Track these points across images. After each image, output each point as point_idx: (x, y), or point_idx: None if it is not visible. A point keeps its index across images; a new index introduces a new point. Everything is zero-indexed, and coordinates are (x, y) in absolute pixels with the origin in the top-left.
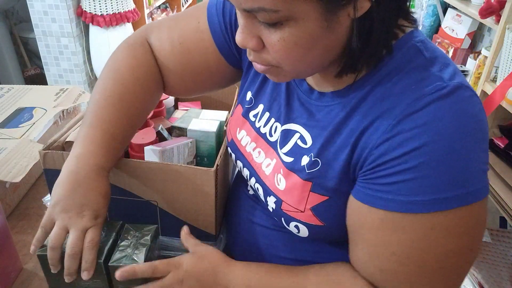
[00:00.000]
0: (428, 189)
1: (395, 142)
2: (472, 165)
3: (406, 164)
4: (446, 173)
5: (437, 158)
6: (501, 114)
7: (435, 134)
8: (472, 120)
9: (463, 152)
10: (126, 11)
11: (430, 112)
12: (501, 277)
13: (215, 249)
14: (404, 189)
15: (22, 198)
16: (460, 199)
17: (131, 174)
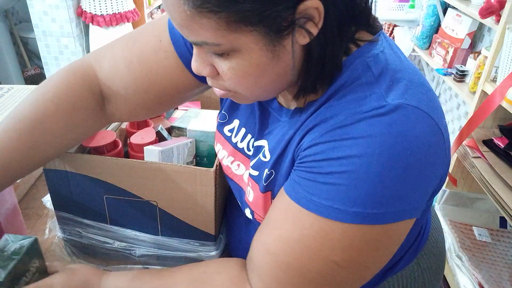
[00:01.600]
0: (332, 197)
1: (323, 147)
2: (388, 187)
3: (321, 168)
4: (355, 189)
5: (353, 174)
6: (501, 114)
7: (360, 151)
8: (406, 141)
9: (381, 176)
10: (126, 11)
11: (362, 127)
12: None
13: (86, 265)
14: (313, 188)
15: (22, 198)
16: (360, 217)
17: (131, 174)
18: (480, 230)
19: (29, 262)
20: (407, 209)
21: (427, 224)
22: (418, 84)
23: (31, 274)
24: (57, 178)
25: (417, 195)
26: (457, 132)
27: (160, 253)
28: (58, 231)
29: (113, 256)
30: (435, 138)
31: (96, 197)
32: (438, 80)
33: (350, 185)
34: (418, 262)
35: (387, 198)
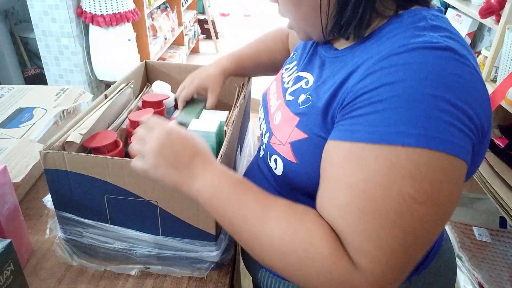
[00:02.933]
0: (392, 121)
1: (373, 77)
2: (443, 115)
3: (377, 97)
4: (414, 111)
5: (408, 96)
6: (501, 114)
7: (412, 74)
8: (452, 78)
9: (433, 99)
10: (126, 11)
11: (413, 56)
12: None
13: (206, 145)
14: (370, 120)
15: (23, 198)
16: (424, 139)
17: (132, 174)
18: (480, 230)
19: (3, 266)
20: (459, 143)
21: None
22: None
23: (5, 277)
24: (57, 178)
25: (460, 131)
26: None
27: (160, 253)
28: (59, 231)
29: (113, 256)
30: (481, 86)
31: (96, 197)
32: None
33: (408, 107)
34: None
35: (444, 126)
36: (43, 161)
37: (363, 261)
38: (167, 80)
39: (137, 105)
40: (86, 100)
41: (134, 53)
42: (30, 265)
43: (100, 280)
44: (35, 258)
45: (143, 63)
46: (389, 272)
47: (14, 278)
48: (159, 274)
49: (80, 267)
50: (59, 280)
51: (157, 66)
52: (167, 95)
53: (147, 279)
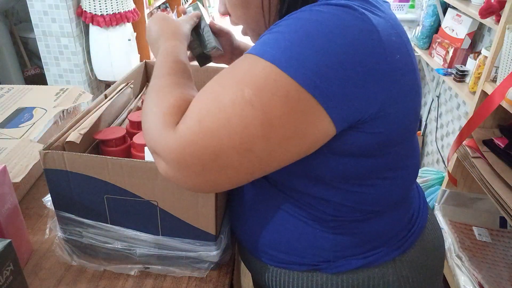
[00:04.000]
0: (266, 42)
1: None
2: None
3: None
4: (287, 39)
5: (289, 27)
6: (501, 114)
7: (296, 17)
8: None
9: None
10: (126, 11)
11: (307, 8)
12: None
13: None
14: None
15: (22, 198)
16: (279, 59)
17: (132, 174)
18: (480, 230)
19: (3, 265)
20: (311, 76)
21: (417, 223)
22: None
23: (5, 277)
24: (57, 178)
25: (323, 70)
26: (457, 132)
27: (160, 252)
28: (59, 231)
29: (113, 256)
30: (364, 36)
31: (96, 197)
32: (438, 80)
33: (284, 36)
34: (395, 265)
35: (300, 53)
36: (43, 161)
37: (183, 125)
38: None
39: (136, 105)
40: (86, 100)
41: (134, 53)
42: (29, 265)
43: (99, 280)
44: (35, 258)
45: (143, 63)
46: (192, 133)
47: (13, 278)
48: (158, 274)
49: (79, 267)
50: (58, 280)
51: None
52: None
53: (147, 279)
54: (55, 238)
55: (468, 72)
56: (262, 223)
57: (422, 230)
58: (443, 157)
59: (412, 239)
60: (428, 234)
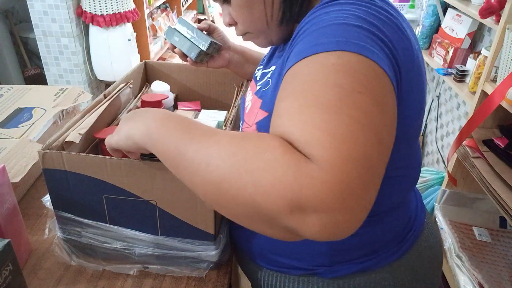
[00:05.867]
0: (314, 40)
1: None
2: (358, 30)
3: (304, 31)
4: (333, 29)
5: (328, 21)
6: (501, 114)
7: (332, 10)
8: (371, 13)
9: (352, 25)
10: (126, 11)
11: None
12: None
13: None
14: (298, 47)
15: (22, 198)
16: (343, 44)
17: (130, 174)
18: (480, 230)
19: (2, 265)
20: (373, 50)
21: (415, 227)
22: None
23: (4, 277)
24: (56, 178)
25: (375, 42)
26: (457, 132)
27: (159, 252)
28: (58, 231)
29: (112, 255)
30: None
31: (95, 197)
32: (438, 80)
33: (328, 28)
34: (392, 270)
35: (351, 34)
36: (42, 161)
37: (315, 150)
38: (167, 80)
39: (136, 105)
40: (85, 100)
41: (134, 53)
42: (29, 265)
43: (99, 280)
44: (34, 258)
45: (143, 63)
46: (344, 160)
47: (13, 278)
48: (158, 274)
49: (79, 267)
50: (58, 280)
51: (156, 66)
52: (166, 95)
53: (146, 279)
54: (54, 238)
55: (468, 72)
56: None
57: (420, 234)
58: (443, 157)
59: (409, 243)
60: (425, 240)
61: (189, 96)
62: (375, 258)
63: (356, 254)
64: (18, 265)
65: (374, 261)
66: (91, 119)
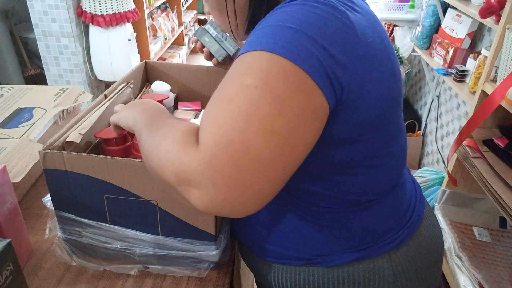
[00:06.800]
0: (250, 41)
1: None
2: (288, 35)
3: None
4: (266, 33)
5: (262, 29)
6: (501, 114)
7: (278, 13)
8: (313, 16)
9: (288, 28)
10: (126, 11)
11: (283, 4)
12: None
13: None
14: None
15: (22, 198)
16: (266, 45)
17: (131, 174)
18: (480, 230)
19: (3, 265)
20: (299, 53)
21: (412, 218)
22: None
23: (4, 277)
24: (57, 178)
25: (307, 47)
26: (457, 132)
27: (160, 252)
28: (58, 231)
29: (113, 255)
30: (335, 18)
31: (96, 197)
32: (438, 80)
33: (263, 32)
34: (390, 259)
35: (283, 36)
36: (43, 161)
37: (200, 135)
38: (167, 80)
39: None
40: (85, 100)
41: (134, 53)
42: (29, 265)
43: (99, 280)
44: (35, 258)
45: (143, 63)
46: (216, 143)
47: (13, 278)
48: (158, 274)
49: (79, 267)
50: (58, 280)
51: (156, 66)
52: (166, 95)
53: (147, 279)
54: (54, 238)
55: (468, 72)
56: (258, 218)
57: (418, 225)
58: (443, 157)
59: (406, 233)
60: (424, 230)
61: (190, 96)
62: (373, 246)
63: (352, 244)
64: (18, 265)
65: (372, 249)
66: (92, 119)
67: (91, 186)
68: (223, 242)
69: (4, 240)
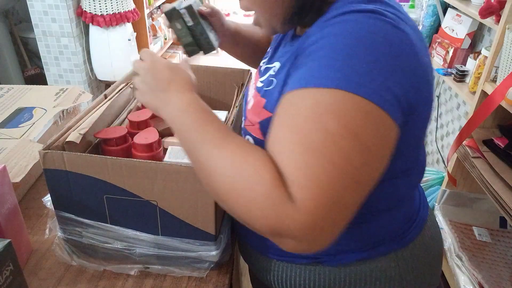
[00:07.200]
0: (318, 69)
1: (310, 38)
2: (361, 65)
3: (308, 52)
4: (339, 59)
5: (331, 48)
6: (501, 114)
7: (341, 29)
8: (374, 35)
9: (354, 51)
10: (126, 11)
11: (339, 18)
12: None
13: (189, 76)
14: (302, 70)
15: (22, 198)
16: (345, 83)
17: (131, 174)
18: (480, 230)
19: (3, 265)
20: (376, 90)
21: (418, 219)
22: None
23: (4, 277)
24: (57, 178)
25: (381, 80)
26: (457, 132)
27: (160, 252)
28: (58, 231)
29: (113, 255)
30: (401, 41)
31: (96, 197)
32: (438, 80)
33: (334, 56)
34: (396, 258)
35: (357, 70)
36: (43, 161)
37: (296, 192)
38: None
39: (136, 105)
40: (85, 100)
41: (134, 53)
42: (29, 265)
43: (99, 280)
44: (35, 258)
45: None
46: (320, 205)
47: (13, 278)
48: (158, 274)
49: (79, 267)
50: (58, 280)
51: None
52: None
53: (147, 279)
54: (54, 238)
55: (468, 72)
56: None
57: (423, 225)
58: (443, 157)
59: (413, 233)
60: (428, 230)
61: None
62: (380, 246)
63: (359, 244)
64: (18, 265)
65: (380, 249)
66: (92, 119)
67: (91, 186)
68: (223, 242)
69: (4, 240)
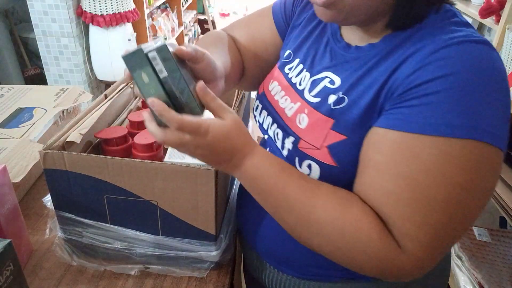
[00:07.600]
0: (446, 114)
1: (427, 69)
2: (491, 109)
3: (431, 89)
4: (465, 103)
5: (460, 88)
6: None
7: (463, 67)
8: (497, 72)
9: (484, 92)
10: (126, 11)
11: (462, 48)
12: (501, 277)
13: (242, 125)
14: (424, 111)
15: (22, 198)
16: (474, 131)
17: (132, 174)
18: (480, 230)
19: (3, 265)
20: (504, 137)
21: None
22: None
23: (5, 277)
24: (57, 178)
25: (501, 120)
26: None
27: (160, 252)
28: (59, 231)
29: (113, 256)
30: (506, 77)
31: (96, 197)
32: None
33: (461, 100)
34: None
35: (492, 118)
36: (43, 161)
37: (409, 245)
38: None
39: (136, 105)
40: (86, 100)
41: None
42: (30, 265)
43: (99, 280)
44: (35, 258)
45: None
46: (432, 253)
47: (13, 278)
48: (159, 274)
49: (79, 267)
50: (58, 280)
51: None
52: None
53: (147, 279)
54: (55, 238)
55: None
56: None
57: None
58: None
59: None
60: None
61: None
62: None
63: None
64: (19, 265)
65: None
66: (92, 119)
67: (91, 186)
68: (223, 242)
69: (5, 240)
